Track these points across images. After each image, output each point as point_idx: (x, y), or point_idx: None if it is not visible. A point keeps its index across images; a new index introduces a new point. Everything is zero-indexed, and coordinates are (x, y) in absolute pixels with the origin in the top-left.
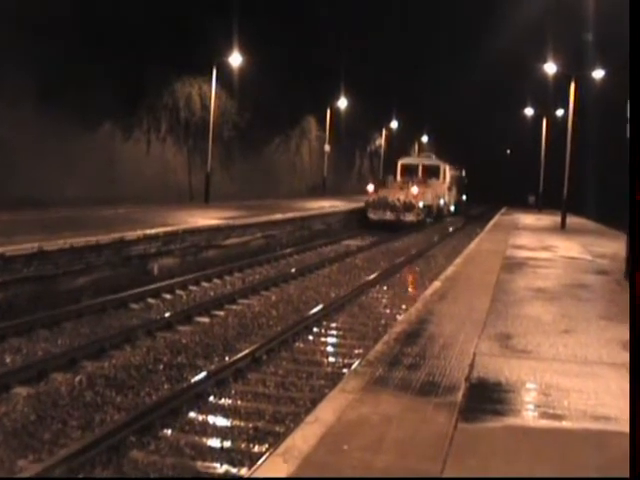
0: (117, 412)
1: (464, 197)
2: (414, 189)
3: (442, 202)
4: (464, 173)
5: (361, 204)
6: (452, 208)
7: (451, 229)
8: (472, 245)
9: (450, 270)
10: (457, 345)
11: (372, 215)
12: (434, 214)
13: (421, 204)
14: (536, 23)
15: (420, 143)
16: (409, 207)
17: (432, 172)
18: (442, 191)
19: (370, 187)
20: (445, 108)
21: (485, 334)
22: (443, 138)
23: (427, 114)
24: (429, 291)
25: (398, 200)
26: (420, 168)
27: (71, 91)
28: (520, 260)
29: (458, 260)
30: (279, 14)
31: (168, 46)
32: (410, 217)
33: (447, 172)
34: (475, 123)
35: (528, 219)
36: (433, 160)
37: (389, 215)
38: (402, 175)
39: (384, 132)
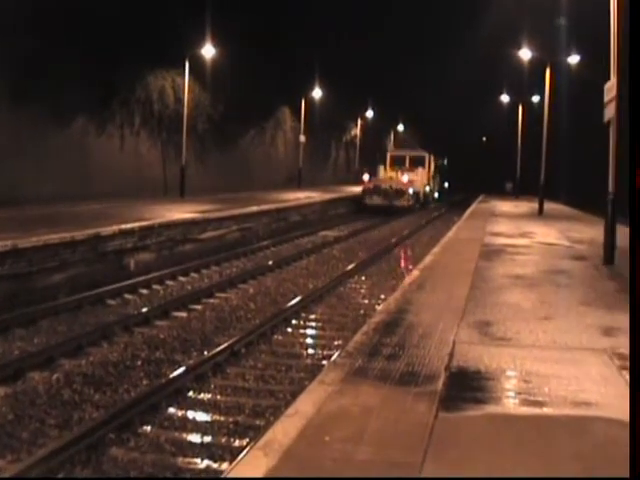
0: (95, 410)
1: (446, 185)
2: (404, 177)
3: (428, 189)
4: (446, 162)
5: (337, 195)
6: (436, 195)
7: (435, 214)
8: (450, 233)
9: (428, 259)
10: (436, 334)
11: (368, 201)
12: (421, 200)
13: (411, 191)
14: (512, 10)
15: (396, 132)
16: (400, 193)
17: (418, 161)
18: (427, 179)
19: (365, 177)
20: (421, 97)
21: (464, 322)
22: (420, 127)
23: (403, 102)
24: (408, 280)
25: (390, 188)
26: (407, 158)
27: (43, 89)
28: (498, 247)
29: (436, 249)
30: (250, 6)
31: (140, 39)
32: (401, 202)
33: (431, 161)
34: (452, 112)
35: (505, 206)
36: (419, 151)
37: (383, 201)
38: (391, 165)
39: (359, 121)
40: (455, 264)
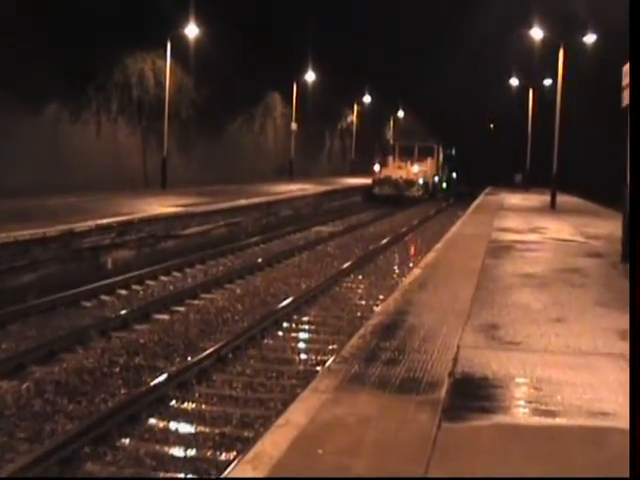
0: (69, 421)
1: (454, 175)
2: (414, 168)
3: (437, 179)
4: (454, 152)
5: (332, 187)
6: (444, 185)
7: (442, 205)
8: (454, 228)
9: (431, 256)
10: (439, 337)
11: (378, 191)
12: (430, 190)
13: (421, 181)
14: None
15: (396, 119)
16: (411, 184)
17: (427, 152)
18: (436, 169)
19: (376, 167)
20: (423, 85)
21: (470, 325)
22: (422, 114)
23: (403, 87)
24: (408, 279)
25: (400, 178)
26: (416, 148)
27: (11, 73)
28: (507, 244)
29: (439, 245)
30: None
31: (117, 18)
32: (412, 193)
33: (440, 151)
34: (458, 99)
35: (514, 199)
36: (428, 141)
37: (393, 191)
38: (400, 155)
39: (356, 107)
40: (460, 262)
